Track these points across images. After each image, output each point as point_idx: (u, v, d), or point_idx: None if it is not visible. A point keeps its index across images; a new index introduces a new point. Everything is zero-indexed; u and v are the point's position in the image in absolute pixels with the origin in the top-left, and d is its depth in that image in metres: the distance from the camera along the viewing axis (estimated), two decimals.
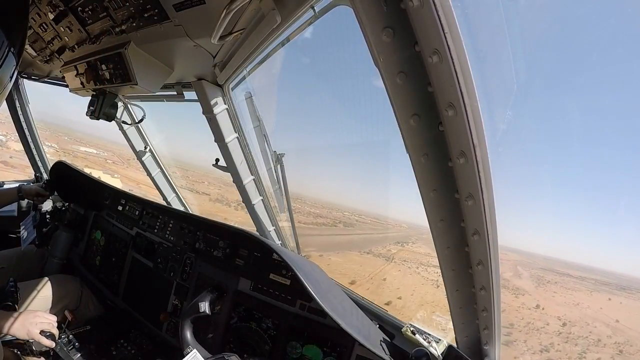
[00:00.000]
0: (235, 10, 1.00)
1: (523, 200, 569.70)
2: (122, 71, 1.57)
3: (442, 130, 0.85)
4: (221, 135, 1.92)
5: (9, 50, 0.91)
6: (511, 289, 41.25)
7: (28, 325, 1.64)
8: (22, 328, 1.63)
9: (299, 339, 1.66)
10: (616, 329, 37.71)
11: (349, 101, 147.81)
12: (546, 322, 35.98)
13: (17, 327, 1.63)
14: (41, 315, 1.71)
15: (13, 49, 0.93)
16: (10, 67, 0.95)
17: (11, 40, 0.91)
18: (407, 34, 0.75)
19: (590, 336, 36.22)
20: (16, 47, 0.95)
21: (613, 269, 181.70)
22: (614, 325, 38.30)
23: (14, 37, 0.93)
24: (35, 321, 1.67)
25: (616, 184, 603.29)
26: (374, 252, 46.25)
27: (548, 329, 35.31)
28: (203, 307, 1.46)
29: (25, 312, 1.72)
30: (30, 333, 1.64)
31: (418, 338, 1.52)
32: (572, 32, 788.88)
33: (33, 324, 1.65)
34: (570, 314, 39.26)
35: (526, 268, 52.35)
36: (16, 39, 0.95)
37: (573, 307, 42.16)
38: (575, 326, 37.09)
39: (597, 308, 43.14)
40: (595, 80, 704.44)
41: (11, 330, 1.63)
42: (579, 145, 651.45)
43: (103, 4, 1.37)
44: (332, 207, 58.20)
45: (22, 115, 3.53)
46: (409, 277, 39.64)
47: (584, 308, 42.47)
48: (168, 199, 3.05)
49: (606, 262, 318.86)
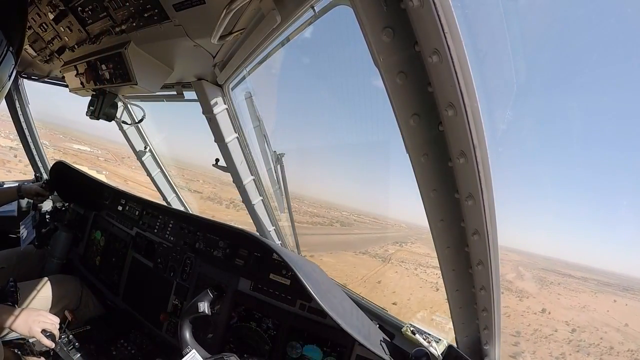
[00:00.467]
0: (235, 10, 1.00)
1: (522, 200, 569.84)
2: (122, 71, 1.57)
3: (442, 130, 0.85)
4: (221, 135, 1.92)
5: (7, 49, 0.91)
6: (515, 292, 40.81)
7: (30, 323, 1.65)
8: (24, 325, 1.64)
9: (299, 339, 1.66)
10: (627, 334, 37.15)
11: (349, 101, 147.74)
12: (554, 329, 35.31)
13: (19, 324, 1.64)
14: (44, 315, 1.72)
15: (12, 47, 0.93)
16: (8, 66, 0.94)
17: (10, 39, 0.91)
18: (407, 34, 0.75)
19: (602, 343, 35.61)
20: (15, 46, 0.94)
21: (612, 269, 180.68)
22: (624, 330, 37.73)
23: (12, 36, 0.93)
24: (38, 319, 1.68)
25: (616, 184, 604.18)
26: (370, 252, 45.82)
27: (557, 336, 34.58)
28: (202, 307, 1.45)
29: (29, 310, 1.73)
30: (31, 331, 1.64)
31: (418, 338, 1.52)
32: (572, 32, 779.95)
33: (36, 322, 1.66)
34: (577, 318, 38.70)
35: (528, 269, 51.99)
36: (15, 37, 0.95)
37: (580, 311, 41.65)
38: (584, 332, 36.46)
39: (604, 311, 42.69)
40: (596, 81, 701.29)
41: (13, 326, 1.64)
42: (579, 145, 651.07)
43: (103, 4, 1.37)
44: (330, 207, 57.94)
45: (22, 116, 3.53)
46: (406, 279, 39.22)
47: (591, 311, 42.02)
48: (168, 199, 3.05)
49: (605, 262, 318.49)
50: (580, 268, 63.11)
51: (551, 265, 57.31)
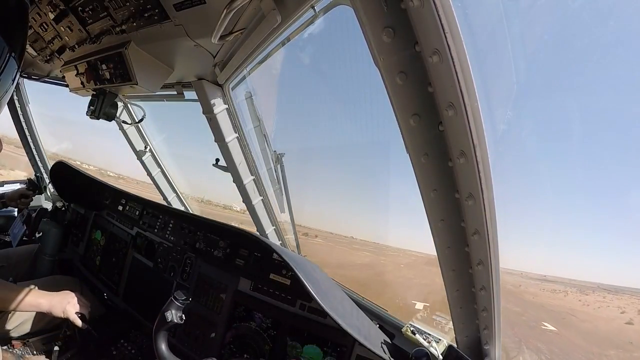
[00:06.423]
0: (236, 10, 1.00)
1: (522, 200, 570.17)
2: (122, 71, 1.57)
3: (442, 130, 0.85)
4: (221, 135, 1.92)
5: (10, 55, 0.91)
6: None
7: (65, 304, 1.77)
8: (59, 306, 1.76)
9: (299, 339, 1.66)
10: None
11: (349, 101, 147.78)
12: None
13: (54, 305, 1.76)
14: (79, 298, 1.85)
15: (14, 53, 0.93)
16: (12, 71, 0.95)
17: (12, 45, 0.92)
18: (407, 34, 0.75)
19: None
20: (17, 50, 0.95)
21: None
22: None
23: (14, 41, 0.94)
24: (74, 302, 1.80)
25: (615, 183, 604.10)
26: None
27: None
28: (170, 316, 1.40)
29: (64, 293, 1.83)
30: (66, 312, 1.76)
31: (418, 338, 1.52)
32: (572, 32, 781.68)
33: (71, 304, 1.79)
34: None
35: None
36: (17, 42, 0.95)
37: None
38: None
39: None
40: (596, 80, 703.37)
41: (49, 307, 1.75)
42: (579, 145, 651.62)
43: (103, 4, 1.37)
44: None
45: (22, 116, 3.53)
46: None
47: None
48: (168, 198, 3.05)
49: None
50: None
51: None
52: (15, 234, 2.76)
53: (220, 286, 1.91)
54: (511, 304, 40.60)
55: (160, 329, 1.41)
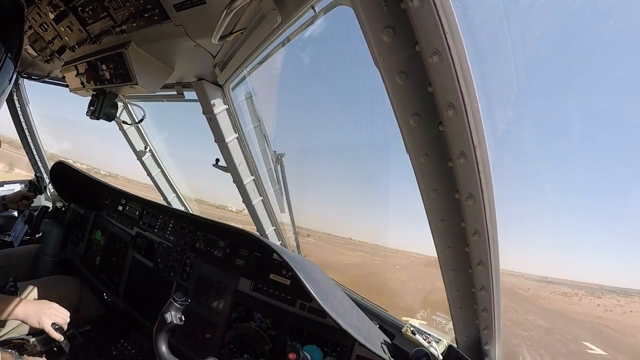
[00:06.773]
0: (236, 10, 1.00)
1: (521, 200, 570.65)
2: (123, 71, 1.57)
3: (442, 130, 0.85)
4: (221, 135, 1.92)
5: (6, 56, 0.91)
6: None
7: (41, 315, 1.66)
8: (35, 316, 1.65)
9: (299, 339, 1.66)
10: None
11: (349, 101, 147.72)
12: None
13: (30, 314, 1.65)
14: (56, 308, 1.73)
15: (10, 53, 0.93)
16: (8, 71, 0.95)
17: (7, 45, 0.92)
18: (407, 34, 0.75)
19: None
20: (13, 51, 0.95)
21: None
22: None
23: (10, 42, 0.94)
24: (50, 312, 1.68)
25: (615, 183, 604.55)
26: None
27: None
28: (170, 318, 1.40)
29: (42, 302, 1.73)
30: (42, 322, 1.65)
31: (418, 338, 1.52)
32: (572, 31, 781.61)
33: (47, 315, 1.67)
34: None
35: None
36: (13, 43, 0.96)
37: None
38: None
39: None
40: (596, 80, 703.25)
41: (24, 316, 1.64)
42: (579, 145, 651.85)
43: (103, 4, 1.37)
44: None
45: (22, 116, 3.53)
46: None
47: None
48: (168, 199, 3.05)
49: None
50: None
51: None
52: (17, 234, 2.76)
53: (220, 286, 1.91)
54: (533, 315, 34.56)
55: (160, 331, 1.41)
